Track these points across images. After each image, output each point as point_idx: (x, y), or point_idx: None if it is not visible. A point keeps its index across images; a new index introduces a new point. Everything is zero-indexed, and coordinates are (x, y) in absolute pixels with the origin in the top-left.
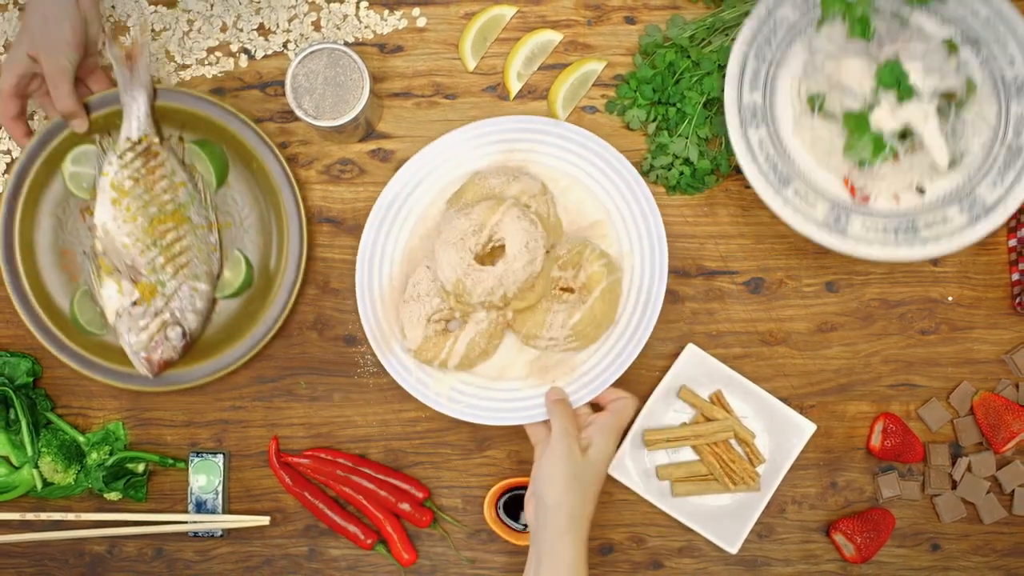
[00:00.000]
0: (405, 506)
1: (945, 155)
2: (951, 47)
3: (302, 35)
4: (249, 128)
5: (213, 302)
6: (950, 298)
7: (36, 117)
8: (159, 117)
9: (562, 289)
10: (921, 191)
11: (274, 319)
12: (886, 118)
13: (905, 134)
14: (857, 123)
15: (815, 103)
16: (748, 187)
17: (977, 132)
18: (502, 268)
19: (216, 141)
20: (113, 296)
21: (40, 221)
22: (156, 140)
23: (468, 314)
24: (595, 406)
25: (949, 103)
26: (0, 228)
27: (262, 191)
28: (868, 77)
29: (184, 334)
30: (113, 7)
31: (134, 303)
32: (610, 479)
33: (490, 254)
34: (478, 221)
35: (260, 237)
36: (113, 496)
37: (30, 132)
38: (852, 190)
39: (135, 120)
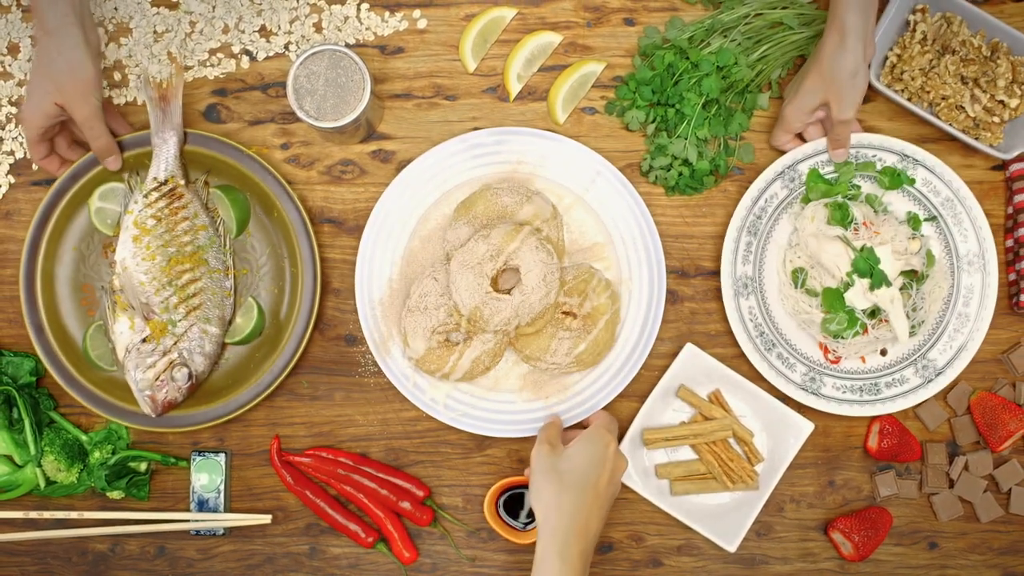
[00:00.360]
0: (406, 505)
1: (907, 331)
2: (915, 222)
3: (303, 37)
4: (273, 178)
5: (222, 347)
6: None
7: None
8: (187, 160)
9: (564, 313)
10: (884, 353)
11: (281, 369)
12: (859, 298)
13: (874, 312)
14: (834, 300)
15: (798, 279)
16: (746, 188)
17: (933, 302)
18: (519, 299)
19: (240, 188)
20: (125, 332)
21: (63, 254)
22: (182, 182)
23: (474, 333)
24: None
25: (911, 280)
26: (24, 258)
27: (281, 241)
28: (845, 261)
29: (190, 376)
30: (116, 9)
31: (143, 340)
32: None
33: (501, 274)
34: (496, 246)
35: (274, 286)
36: (116, 495)
37: (63, 162)
38: (825, 351)
39: (163, 161)
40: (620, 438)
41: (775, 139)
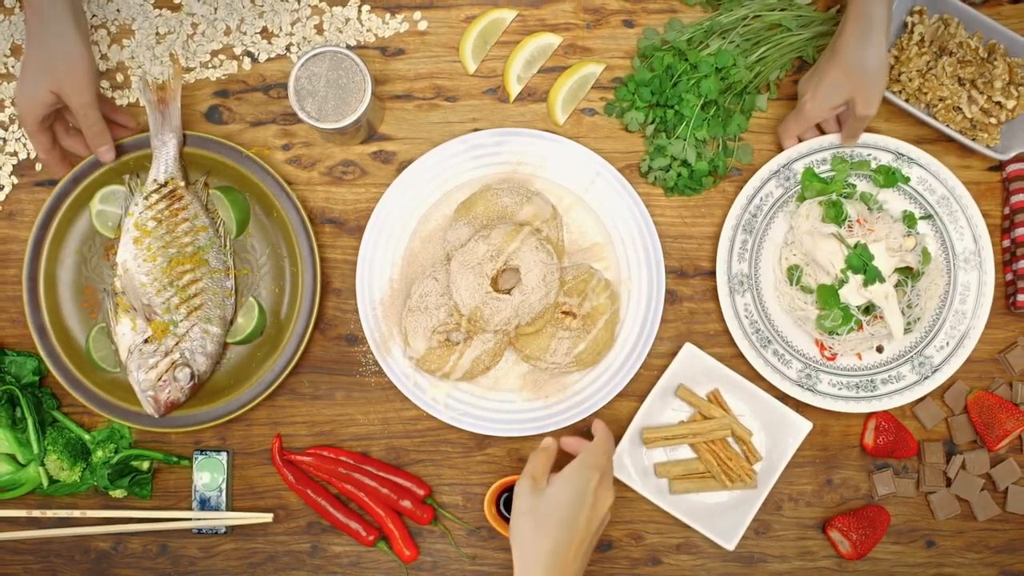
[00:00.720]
0: (406, 503)
1: (901, 328)
2: (911, 220)
3: (305, 38)
4: (272, 179)
5: (224, 346)
6: None
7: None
8: (186, 162)
9: (564, 313)
10: (880, 350)
11: (282, 367)
12: (853, 294)
13: (869, 308)
14: (829, 296)
15: (793, 276)
16: (742, 187)
17: (929, 299)
18: (519, 299)
19: (240, 189)
20: (127, 333)
21: (64, 257)
22: (182, 184)
23: (475, 333)
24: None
25: (906, 277)
26: (26, 261)
27: (281, 241)
28: (839, 258)
29: (192, 376)
30: (118, 11)
31: (145, 340)
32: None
33: (501, 274)
34: (496, 247)
35: (275, 286)
36: (118, 493)
37: (68, 162)
38: (821, 348)
39: (163, 163)
40: (619, 437)
41: (787, 131)
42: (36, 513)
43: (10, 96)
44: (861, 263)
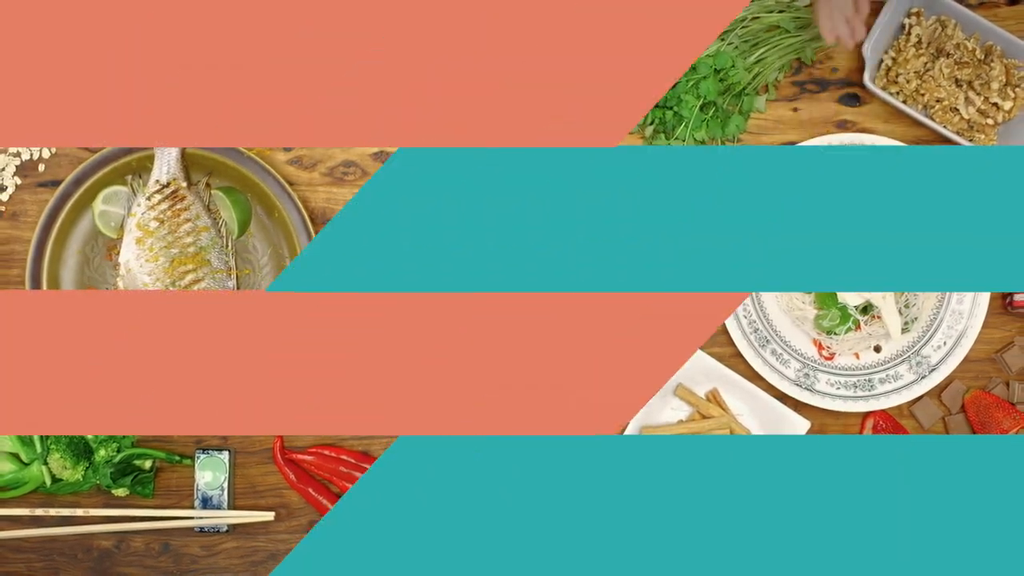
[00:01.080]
0: None
1: (899, 328)
2: None
3: None
4: (274, 179)
5: None
6: None
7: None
8: (189, 162)
9: None
10: (878, 350)
11: None
12: (851, 294)
13: (867, 308)
14: (827, 296)
15: None
16: None
17: (926, 298)
18: None
19: (242, 189)
20: None
21: (67, 258)
22: (184, 184)
23: None
24: None
25: None
26: (29, 262)
27: (282, 241)
28: None
29: None
30: None
31: None
32: None
33: None
34: None
35: None
36: (121, 492)
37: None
38: (819, 348)
39: (165, 164)
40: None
41: (822, 8)
42: (39, 512)
43: None
44: None
